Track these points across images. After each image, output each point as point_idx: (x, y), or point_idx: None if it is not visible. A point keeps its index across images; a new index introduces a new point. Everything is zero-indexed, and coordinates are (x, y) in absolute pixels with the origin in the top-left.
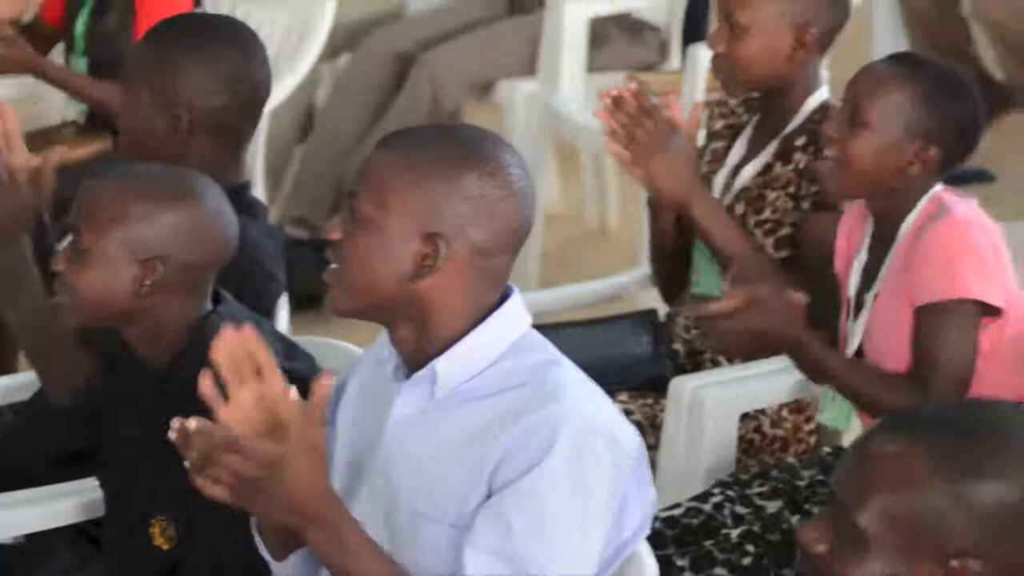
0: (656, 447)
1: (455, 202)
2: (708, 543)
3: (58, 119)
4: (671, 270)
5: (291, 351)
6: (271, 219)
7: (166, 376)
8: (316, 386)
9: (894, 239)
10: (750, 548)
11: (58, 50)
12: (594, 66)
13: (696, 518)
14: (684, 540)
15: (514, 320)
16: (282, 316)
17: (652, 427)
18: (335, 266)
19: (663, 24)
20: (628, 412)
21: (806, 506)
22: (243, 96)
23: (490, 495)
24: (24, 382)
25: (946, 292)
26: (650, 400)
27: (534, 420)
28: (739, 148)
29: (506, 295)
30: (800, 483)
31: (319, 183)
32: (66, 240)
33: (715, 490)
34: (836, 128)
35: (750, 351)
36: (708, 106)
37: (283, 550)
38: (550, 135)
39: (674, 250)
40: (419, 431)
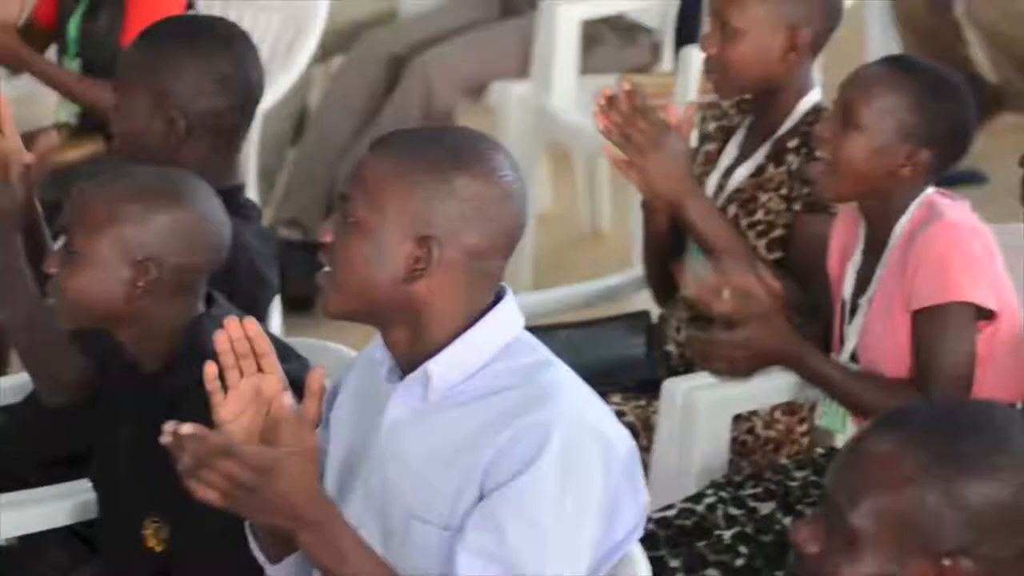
0: (649, 449)
1: (448, 205)
2: (701, 544)
3: (50, 121)
4: (664, 272)
5: (284, 353)
6: (264, 221)
7: (158, 378)
8: (310, 381)
9: (887, 243)
10: (743, 549)
11: (51, 53)
12: (587, 68)
13: (689, 519)
14: (677, 541)
15: (507, 322)
16: (274, 318)
17: (645, 429)
18: (328, 269)
19: (656, 26)
20: (621, 414)
21: (799, 507)
22: (237, 97)
23: (482, 496)
24: (16, 384)
25: (941, 296)
26: (643, 402)
27: (526, 422)
28: (731, 150)
29: (500, 296)
30: (793, 484)
31: (312, 185)
32: (59, 242)
33: (708, 491)
34: (828, 129)
35: (754, 370)
36: (701, 108)
37: (278, 553)
38: (543, 137)
39: (668, 252)
40: (412, 432)
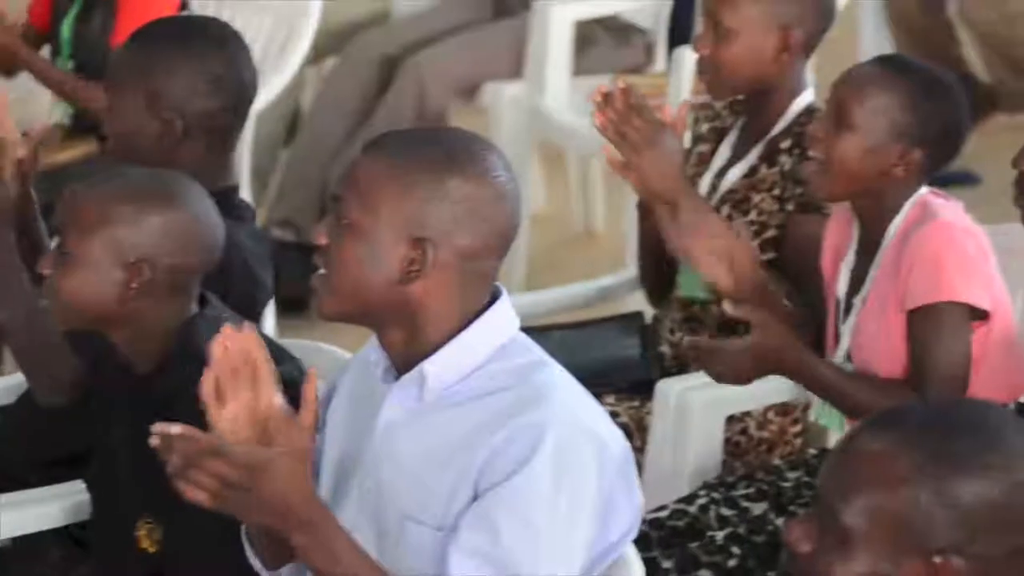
0: (643, 449)
1: (441, 206)
2: (693, 545)
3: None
4: (658, 272)
5: (277, 354)
6: (257, 222)
7: (152, 379)
8: (305, 390)
9: (880, 242)
10: (735, 550)
11: (44, 55)
12: (580, 69)
13: (682, 520)
14: (669, 542)
15: (502, 323)
16: (268, 319)
17: (639, 429)
18: (322, 271)
19: (649, 27)
20: (615, 414)
21: (791, 508)
22: (232, 97)
23: (476, 497)
24: (10, 384)
25: (935, 295)
26: (637, 402)
27: (521, 422)
28: (724, 151)
29: (495, 297)
30: (785, 485)
31: (305, 186)
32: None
33: (701, 492)
34: (821, 129)
35: (757, 375)
36: (694, 109)
37: (276, 561)
38: (536, 138)
39: (662, 253)
40: (407, 433)
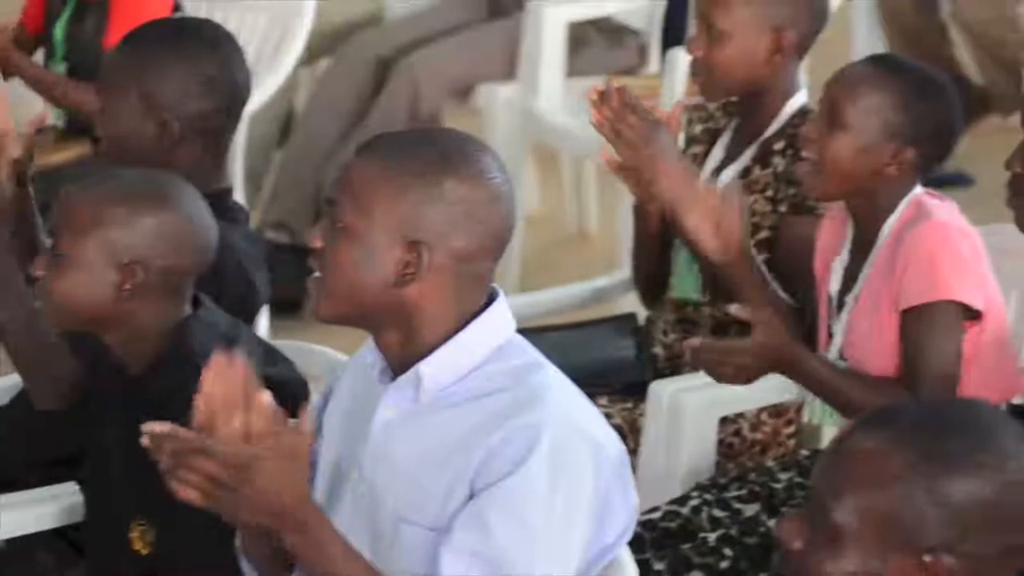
0: (636, 451)
1: (436, 209)
2: (686, 547)
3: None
4: (652, 274)
5: (271, 356)
6: (251, 224)
7: (145, 381)
8: (301, 412)
9: (875, 241)
10: (727, 552)
11: (38, 57)
12: (574, 70)
13: (674, 521)
14: (662, 544)
15: (498, 324)
16: (262, 321)
17: (632, 431)
18: (318, 274)
19: (643, 28)
20: (608, 416)
21: (783, 509)
22: (227, 98)
23: (472, 497)
24: (7, 385)
25: (928, 294)
26: (630, 404)
27: (517, 423)
28: (718, 152)
29: (492, 299)
30: (777, 486)
31: (299, 187)
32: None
33: (693, 493)
34: (814, 130)
35: (758, 374)
36: (687, 110)
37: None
38: (529, 139)
39: (656, 254)
40: (403, 434)
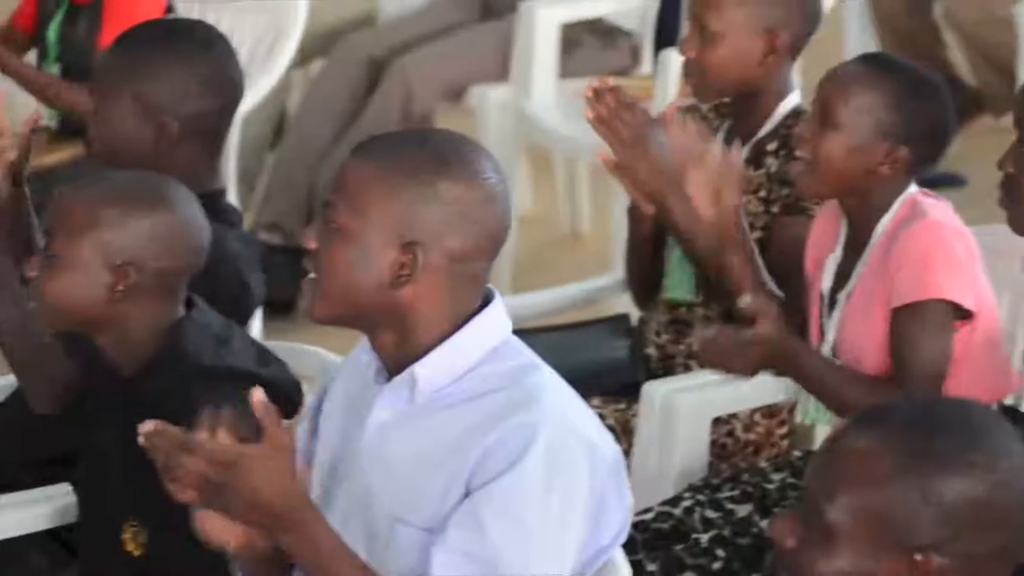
0: (629, 452)
1: (432, 210)
2: (678, 548)
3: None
4: (645, 275)
5: (263, 357)
6: (244, 225)
7: (138, 382)
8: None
9: (868, 240)
10: (720, 552)
11: (31, 58)
12: (566, 71)
13: (666, 523)
14: (654, 545)
15: (494, 326)
16: (255, 322)
17: (625, 432)
18: (313, 275)
19: (635, 29)
20: (601, 417)
21: (776, 510)
22: (222, 99)
23: (467, 497)
24: (1, 385)
25: (920, 293)
26: (623, 405)
27: (512, 423)
28: None
29: (487, 300)
30: (770, 487)
31: (292, 188)
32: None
33: (685, 494)
34: (807, 129)
35: (754, 367)
36: (680, 112)
37: None
38: (522, 140)
39: (650, 256)
40: (398, 435)
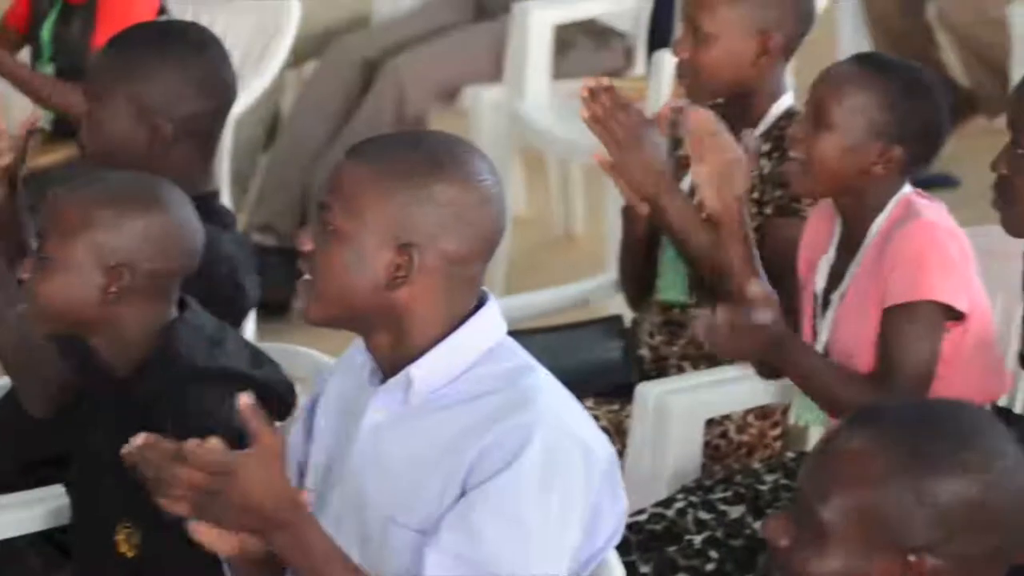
0: (622, 453)
1: (427, 211)
2: (671, 549)
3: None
4: (639, 276)
5: (257, 358)
6: (237, 227)
7: (132, 383)
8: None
9: (863, 239)
10: (713, 554)
11: (24, 58)
12: (560, 72)
13: (659, 524)
14: (647, 546)
15: (489, 327)
16: (248, 323)
17: (618, 433)
18: (308, 277)
19: (629, 30)
20: (595, 418)
21: (768, 511)
22: (215, 101)
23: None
24: None
25: (912, 293)
26: (616, 406)
27: (508, 425)
28: None
29: (482, 301)
30: (763, 488)
31: (285, 190)
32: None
33: (678, 496)
34: (801, 130)
35: (751, 354)
36: (673, 112)
37: None
38: (516, 141)
39: (643, 257)
40: (393, 437)
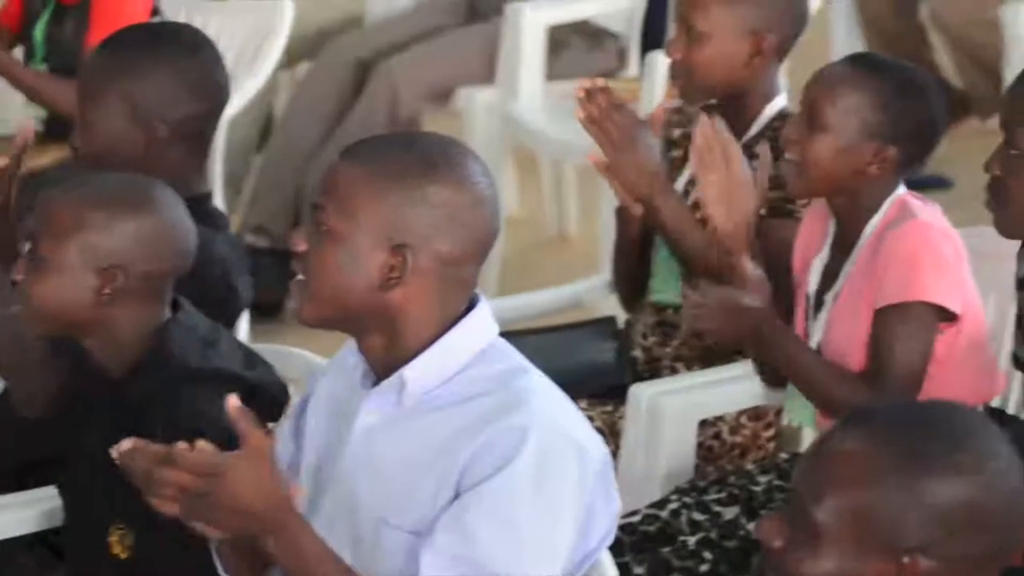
0: (615, 454)
1: (421, 213)
2: (665, 550)
3: (15, 127)
4: (632, 277)
5: (250, 359)
6: (231, 228)
7: (126, 385)
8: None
9: (857, 240)
10: (707, 555)
11: (18, 57)
12: (553, 74)
13: (653, 525)
14: (641, 547)
15: (482, 328)
16: (241, 324)
17: (612, 434)
18: (301, 277)
19: (622, 31)
20: (588, 419)
21: (762, 512)
22: (208, 102)
23: (457, 498)
24: None
25: (905, 294)
26: (609, 407)
27: (502, 426)
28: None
29: (473, 303)
30: (757, 489)
31: (278, 191)
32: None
33: (672, 497)
34: (795, 131)
35: (736, 336)
36: (666, 114)
37: None
38: (509, 142)
39: (637, 258)
40: (386, 439)
